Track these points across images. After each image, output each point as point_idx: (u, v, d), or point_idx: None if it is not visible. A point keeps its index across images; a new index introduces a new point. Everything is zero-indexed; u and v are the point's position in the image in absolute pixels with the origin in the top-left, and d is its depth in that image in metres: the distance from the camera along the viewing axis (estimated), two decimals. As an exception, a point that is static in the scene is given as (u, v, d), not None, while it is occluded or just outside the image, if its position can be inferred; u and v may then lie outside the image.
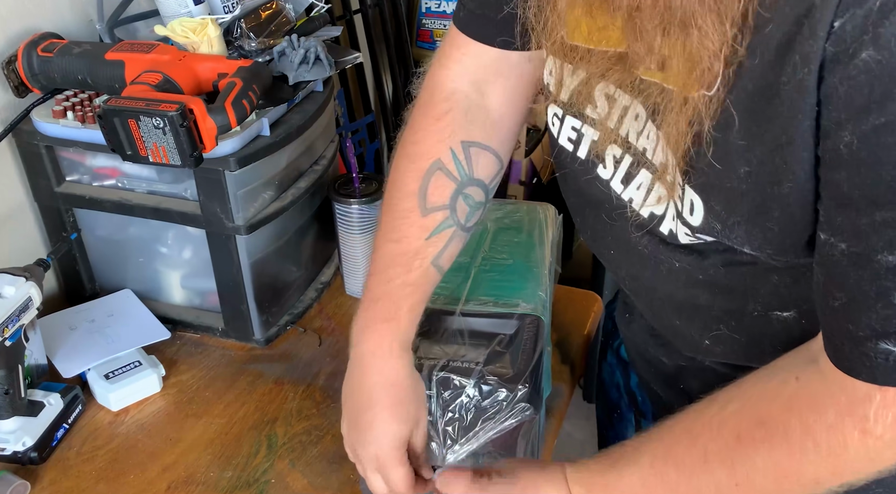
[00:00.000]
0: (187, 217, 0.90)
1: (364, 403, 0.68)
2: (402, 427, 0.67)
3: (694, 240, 0.57)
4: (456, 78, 0.69)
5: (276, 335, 0.99)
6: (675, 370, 0.76)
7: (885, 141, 0.42)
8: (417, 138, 0.69)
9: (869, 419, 0.47)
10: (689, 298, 0.64)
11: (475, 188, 0.69)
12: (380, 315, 0.68)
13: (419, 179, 0.68)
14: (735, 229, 0.53)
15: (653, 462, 0.56)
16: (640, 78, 0.52)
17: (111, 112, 0.76)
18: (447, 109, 0.69)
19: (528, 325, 0.74)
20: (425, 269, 0.68)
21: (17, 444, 0.78)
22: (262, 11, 0.97)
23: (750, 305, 0.61)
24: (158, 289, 1.01)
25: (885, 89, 0.41)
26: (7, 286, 0.77)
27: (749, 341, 0.64)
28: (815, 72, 0.43)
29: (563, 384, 0.91)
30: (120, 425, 0.86)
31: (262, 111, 0.89)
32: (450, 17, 1.80)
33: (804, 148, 0.46)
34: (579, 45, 0.55)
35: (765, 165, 0.49)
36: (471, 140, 0.69)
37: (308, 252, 1.06)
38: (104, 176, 0.93)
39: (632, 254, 0.64)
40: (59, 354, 0.90)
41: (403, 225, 0.68)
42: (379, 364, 0.67)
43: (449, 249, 0.69)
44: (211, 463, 0.81)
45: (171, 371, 0.93)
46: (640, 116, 0.56)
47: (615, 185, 0.62)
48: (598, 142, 0.60)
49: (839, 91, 0.43)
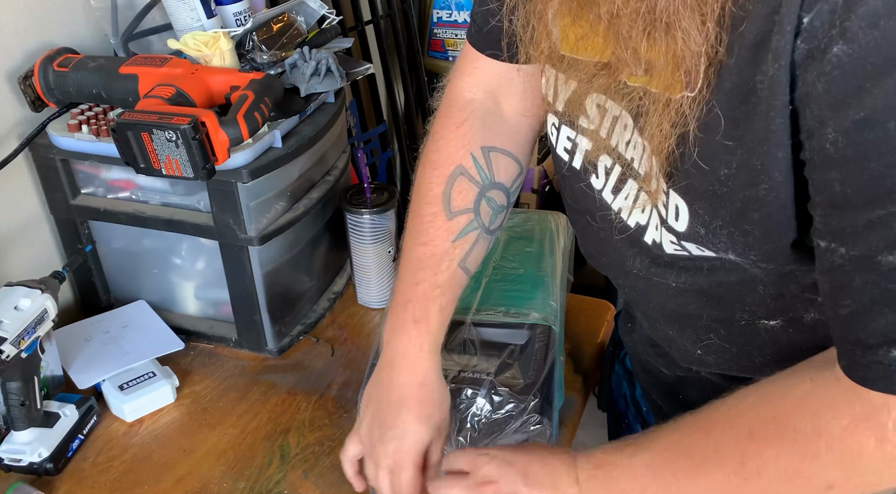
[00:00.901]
0: (200, 229, 0.91)
1: (393, 401, 0.69)
2: (425, 430, 0.67)
3: (679, 250, 0.57)
4: (471, 88, 0.72)
5: (289, 345, 1.00)
6: (675, 380, 0.76)
7: (867, 136, 0.42)
8: (439, 146, 0.72)
9: (887, 428, 0.46)
10: (679, 307, 0.64)
11: (497, 192, 0.71)
12: (410, 317, 0.69)
13: (442, 184, 0.70)
14: (718, 232, 0.53)
15: (663, 450, 0.56)
16: (625, 83, 0.53)
17: (124, 126, 0.77)
18: (465, 118, 0.71)
19: (539, 335, 0.74)
20: (453, 271, 0.70)
21: (33, 455, 0.79)
22: (274, 24, 0.98)
23: (737, 314, 0.61)
24: (172, 300, 1.02)
25: (858, 83, 0.41)
26: (23, 299, 0.78)
27: (739, 350, 0.64)
28: (785, 68, 0.43)
29: (575, 393, 0.91)
30: (134, 435, 0.86)
31: (273, 123, 0.90)
32: (461, 27, 1.81)
33: (779, 147, 0.46)
34: (566, 55, 0.56)
35: (743, 168, 0.49)
36: (490, 145, 0.71)
37: (320, 262, 1.07)
38: (118, 188, 0.94)
39: (623, 265, 0.65)
40: (75, 365, 0.91)
41: (430, 229, 0.70)
42: (409, 365, 0.69)
43: (475, 251, 0.71)
44: (224, 474, 0.81)
45: (185, 382, 0.93)
46: (627, 126, 0.57)
47: (606, 195, 0.62)
48: (589, 151, 0.62)
49: (818, 88, 0.42)
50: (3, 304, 0.77)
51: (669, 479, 0.55)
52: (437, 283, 0.69)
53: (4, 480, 0.80)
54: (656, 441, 0.57)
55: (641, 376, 0.85)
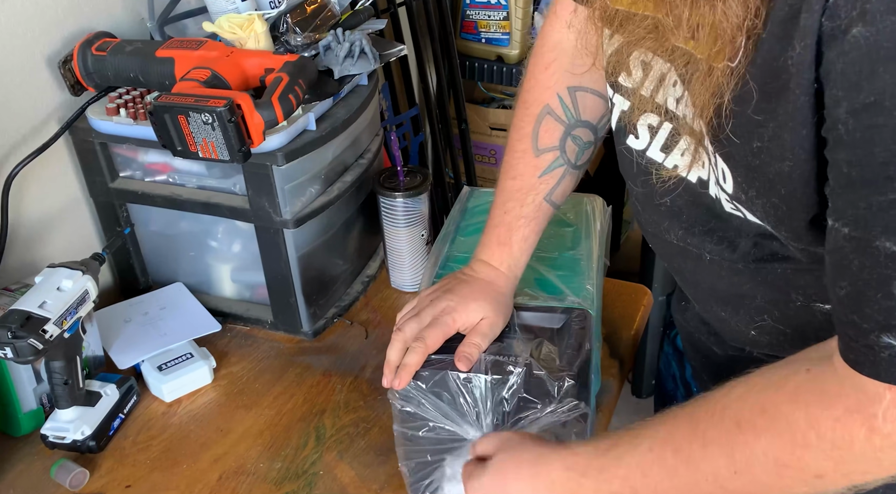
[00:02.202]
0: (236, 212, 0.92)
1: (462, 281, 0.74)
2: (478, 310, 0.71)
3: (734, 210, 0.58)
4: (560, 29, 0.74)
5: (324, 327, 1.00)
6: (726, 360, 0.75)
7: (875, 120, 0.42)
8: (529, 86, 0.76)
9: (878, 418, 0.46)
10: (731, 288, 0.64)
11: (583, 129, 0.75)
12: (495, 239, 0.76)
13: (531, 123, 0.75)
14: (754, 201, 0.54)
15: (651, 447, 0.55)
16: (674, 45, 0.53)
17: (161, 109, 0.78)
18: (553, 58, 0.75)
19: (575, 318, 0.73)
20: (538, 204, 0.75)
21: (76, 433, 0.81)
22: (308, 6, 0.97)
23: (792, 295, 0.61)
24: (209, 282, 1.03)
25: (872, 67, 0.41)
26: (65, 280, 0.79)
27: (794, 332, 0.64)
28: (811, 47, 0.44)
29: (612, 378, 0.90)
30: (173, 415, 0.88)
31: (308, 106, 0.90)
32: (493, 8, 1.78)
33: (803, 125, 0.47)
34: (619, 10, 0.56)
35: (774, 141, 0.49)
36: (576, 85, 0.74)
37: (354, 246, 1.07)
38: (156, 172, 0.95)
39: (661, 234, 0.66)
40: (115, 346, 0.93)
41: (519, 164, 0.76)
42: (487, 270, 0.75)
43: (561, 185, 0.76)
44: (261, 454, 0.82)
45: (222, 363, 0.94)
46: (677, 82, 0.56)
47: (653, 154, 0.62)
48: (628, 112, 0.62)
49: (837, 67, 0.43)
50: (45, 285, 0.78)
51: (659, 478, 0.54)
52: (522, 214, 0.75)
53: (49, 457, 0.82)
54: (645, 437, 0.56)
55: (692, 355, 0.85)
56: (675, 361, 0.91)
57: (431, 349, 0.69)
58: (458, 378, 0.67)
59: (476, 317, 0.71)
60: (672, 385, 0.93)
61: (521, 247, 0.76)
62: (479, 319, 0.71)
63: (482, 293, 0.73)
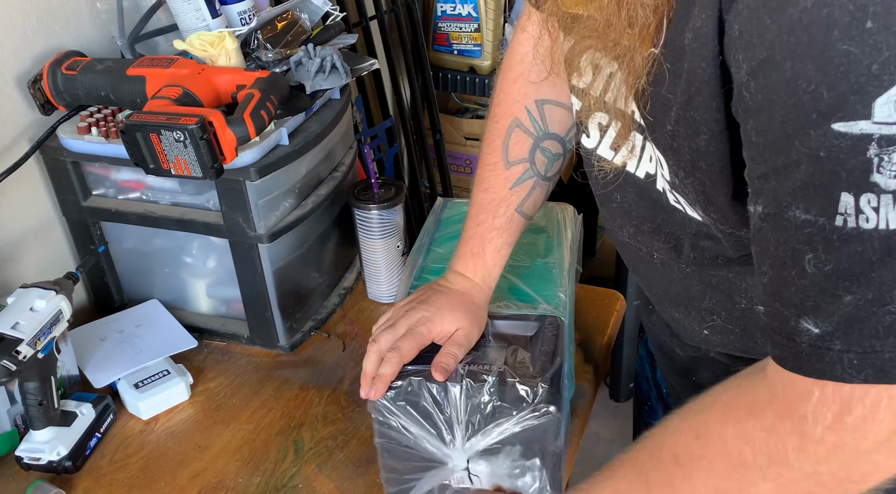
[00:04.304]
0: (210, 228, 0.92)
1: (437, 291, 0.75)
2: (453, 321, 0.71)
3: (676, 203, 0.59)
4: (526, 41, 0.75)
5: (301, 341, 1.00)
6: (688, 361, 0.77)
7: (769, 78, 0.40)
8: (499, 100, 0.78)
9: (807, 420, 0.43)
10: (682, 290, 0.66)
11: (551, 141, 0.77)
12: (469, 250, 0.78)
13: (501, 136, 0.77)
14: (685, 182, 0.54)
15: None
16: (615, 42, 0.53)
17: (133, 127, 0.78)
18: (520, 72, 0.76)
19: (548, 326, 0.74)
20: (510, 215, 0.77)
21: (51, 453, 0.80)
22: (279, 22, 0.98)
23: (736, 298, 0.62)
24: (185, 298, 1.03)
25: (761, 20, 0.40)
26: (38, 300, 0.79)
27: (742, 332, 0.65)
28: (713, 17, 0.43)
29: (586, 383, 0.91)
30: (150, 433, 0.87)
31: (280, 121, 0.91)
32: (464, 20, 1.80)
33: (712, 98, 0.46)
34: (566, 12, 0.57)
35: (682, 120, 0.49)
36: (544, 98, 0.75)
37: (330, 258, 1.07)
38: (129, 189, 0.95)
39: (616, 232, 0.67)
40: (90, 365, 0.92)
41: (491, 177, 0.77)
42: (462, 281, 0.77)
43: (532, 197, 0.77)
44: (240, 469, 0.82)
45: (199, 379, 0.94)
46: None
47: (603, 151, 0.64)
48: (580, 111, 0.63)
49: (734, 30, 0.42)
50: (18, 305, 0.78)
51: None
52: (495, 225, 0.76)
53: (24, 479, 0.81)
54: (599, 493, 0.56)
55: (659, 357, 0.87)
56: (648, 363, 0.93)
57: (406, 360, 0.70)
58: (433, 389, 0.68)
59: (451, 327, 0.72)
60: (647, 387, 0.95)
61: (494, 258, 0.77)
62: (455, 329, 0.72)
63: (457, 304, 0.74)
